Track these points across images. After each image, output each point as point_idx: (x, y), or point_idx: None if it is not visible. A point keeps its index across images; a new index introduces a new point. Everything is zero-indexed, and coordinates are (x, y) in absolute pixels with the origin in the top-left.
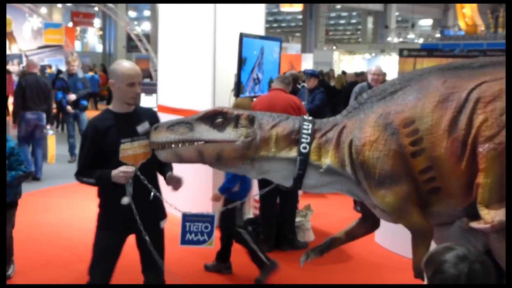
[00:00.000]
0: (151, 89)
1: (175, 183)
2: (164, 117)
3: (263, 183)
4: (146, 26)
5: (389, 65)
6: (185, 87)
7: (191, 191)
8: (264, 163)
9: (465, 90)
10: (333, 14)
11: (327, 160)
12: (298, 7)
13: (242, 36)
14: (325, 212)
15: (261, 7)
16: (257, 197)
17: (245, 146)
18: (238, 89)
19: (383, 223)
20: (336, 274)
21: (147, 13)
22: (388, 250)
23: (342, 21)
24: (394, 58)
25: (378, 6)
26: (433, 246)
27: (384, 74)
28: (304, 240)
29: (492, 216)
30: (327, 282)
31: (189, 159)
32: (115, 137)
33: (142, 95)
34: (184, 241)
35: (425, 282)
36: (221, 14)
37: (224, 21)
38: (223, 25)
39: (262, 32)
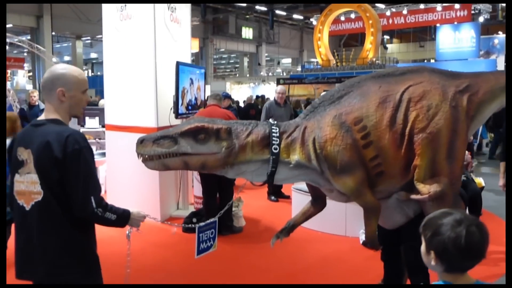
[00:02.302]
0: (94, 113)
1: None
2: (111, 135)
3: (206, 182)
4: None
5: (267, 90)
6: (131, 108)
7: (139, 191)
8: (242, 166)
9: (397, 92)
10: (217, 56)
11: (295, 156)
12: (194, 49)
13: (178, 64)
14: (246, 203)
15: (188, 43)
16: (198, 194)
17: (226, 155)
18: (177, 107)
19: None
20: (265, 249)
21: (67, 58)
22: (304, 227)
23: (224, 61)
24: (271, 86)
25: (252, 49)
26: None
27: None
28: (239, 225)
29: (428, 188)
30: (260, 256)
31: (175, 168)
32: None
33: (86, 118)
34: (199, 252)
35: (423, 246)
36: (159, 46)
37: (162, 53)
38: (161, 55)
39: (188, 61)
